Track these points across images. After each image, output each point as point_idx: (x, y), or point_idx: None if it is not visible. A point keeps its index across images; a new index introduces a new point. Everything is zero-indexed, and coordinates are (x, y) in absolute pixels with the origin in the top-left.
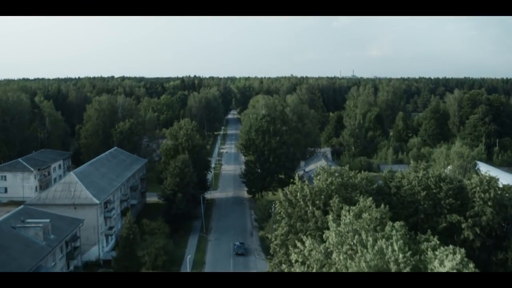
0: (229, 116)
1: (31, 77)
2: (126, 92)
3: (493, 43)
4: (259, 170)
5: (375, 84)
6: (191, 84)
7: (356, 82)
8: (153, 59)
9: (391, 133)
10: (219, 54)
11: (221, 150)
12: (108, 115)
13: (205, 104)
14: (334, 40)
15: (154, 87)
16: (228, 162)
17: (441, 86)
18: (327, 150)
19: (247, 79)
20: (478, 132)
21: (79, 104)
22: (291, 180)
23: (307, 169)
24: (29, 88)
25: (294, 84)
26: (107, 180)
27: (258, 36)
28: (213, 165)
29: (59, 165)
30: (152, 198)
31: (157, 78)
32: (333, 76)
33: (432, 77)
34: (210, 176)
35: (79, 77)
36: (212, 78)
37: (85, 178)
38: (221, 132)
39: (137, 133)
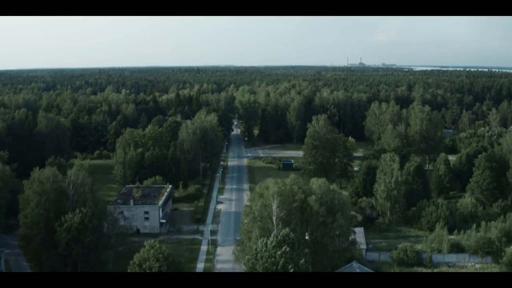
0: (232, 133)
1: (28, 67)
2: (112, 110)
3: (501, 28)
4: None
5: (397, 95)
6: (187, 99)
7: (375, 94)
8: (153, 51)
9: (429, 165)
10: (222, 42)
11: (218, 206)
12: (53, 200)
13: (200, 137)
14: (340, 24)
15: (145, 101)
16: (227, 236)
17: (467, 94)
18: (359, 232)
19: (252, 81)
20: None
21: (50, 134)
22: None
23: None
24: None
25: (306, 97)
26: None
27: (264, 23)
28: (205, 248)
29: None
30: None
31: (156, 68)
32: (341, 65)
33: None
34: None
35: (72, 68)
36: (213, 86)
37: None
38: (221, 164)
39: (92, 228)
